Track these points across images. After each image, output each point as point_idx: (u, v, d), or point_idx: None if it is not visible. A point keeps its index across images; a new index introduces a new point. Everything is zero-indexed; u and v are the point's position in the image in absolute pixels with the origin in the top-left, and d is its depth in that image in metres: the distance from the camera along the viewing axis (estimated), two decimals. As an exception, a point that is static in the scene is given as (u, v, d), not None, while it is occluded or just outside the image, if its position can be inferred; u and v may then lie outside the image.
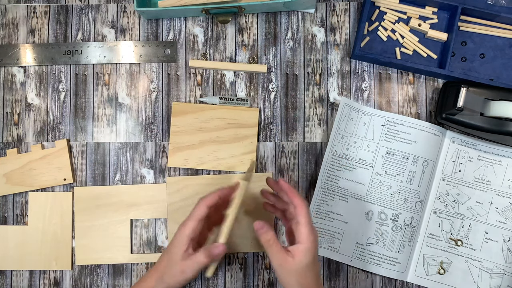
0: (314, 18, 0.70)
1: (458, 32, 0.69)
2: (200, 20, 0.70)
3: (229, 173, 0.68)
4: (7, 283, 0.67)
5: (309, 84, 0.69)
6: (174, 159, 0.68)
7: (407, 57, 0.69)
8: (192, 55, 0.70)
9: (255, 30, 0.70)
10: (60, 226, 0.67)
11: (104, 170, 0.69)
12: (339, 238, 0.66)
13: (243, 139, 0.68)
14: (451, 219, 0.66)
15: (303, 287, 0.51)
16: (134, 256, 0.67)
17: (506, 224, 0.66)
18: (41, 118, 0.69)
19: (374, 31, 0.69)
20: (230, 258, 0.68)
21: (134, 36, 0.70)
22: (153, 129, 0.69)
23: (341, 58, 0.70)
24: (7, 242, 0.67)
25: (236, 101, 0.68)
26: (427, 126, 0.67)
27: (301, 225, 0.52)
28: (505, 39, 0.69)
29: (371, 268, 0.66)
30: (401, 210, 0.66)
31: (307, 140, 0.69)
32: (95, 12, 0.70)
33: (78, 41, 0.70)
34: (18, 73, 0.70)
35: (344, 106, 0.67)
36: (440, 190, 0.67)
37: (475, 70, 0.68)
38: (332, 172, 0.67)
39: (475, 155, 0.67)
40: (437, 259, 0.66)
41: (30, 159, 0.68)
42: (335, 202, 0.67)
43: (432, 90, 0.69)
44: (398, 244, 0.66)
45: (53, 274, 0.68)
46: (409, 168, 0.67)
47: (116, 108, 0.69)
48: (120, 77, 0.70)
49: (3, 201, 0.68)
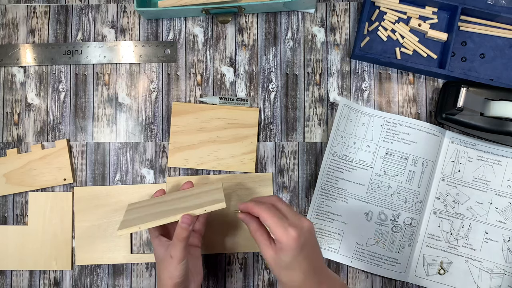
0: (314, 18, 0.70)
1: (458, 32, 0.69)
2: (200, 20, 0.70)
3: (229, 173, 0.68)
4: (7, 283, 0.68)
5: (309, 84, 0.69)
6: (174, 159, 0.68)
7: (407, 57, 0.69)
8: (192, 55, 0.70)
9: (255, 30, 0.70)
10: (60, 226, 0.67)
11: (104, 170, 0.69)
12: (339, 239, 0.66)
13: (243, 139, 0.68)
14: (451, 219, 0.66)
15: (291, 283, 0.50)
16: (134, 256, 0.67)
17: (506, 224, 0.66)
18: (41, 118, 0.69)
19: (374, 31, 0.69)
20: (230, 258, 0.68)
21: (134, 36, 0.70)
22: (153, 129, 0.69)
23: (341, 58, 0.70)
24: (7, 242, 0.67)
25: (236, 101, 0.68)
26: (426, 127, 0.67)
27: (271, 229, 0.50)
28: (505, 39, 0.69)
29: (371, 268, 0.66)
30: (400, 211, 0.66)
31: (307, 140, 0.69)
32: (95, 12, 0.70)
33: (78, 41, 0.70)
34: (18, 73, 0.70)
35: (343, 107, 0.67)
36: (440, 190, 0.67)
37: (475, 70, 0.68)
38: (331, 173, 0.67)
39: (474, 155, 0.67)
40: (437, 259, 0.66)
41: (30, 159, 0.68)
42: (335, 203, 0.67)
43: (432, 90, 0.69)
44: (398, 244, 0.66)
45: (53, 274, 0.68)
46: (408, 168, 0.67)
47: (116, 108, 0.69)
48: (120, 77, 0.70)
49: (3, 201, 0.68)
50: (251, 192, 0.67)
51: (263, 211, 0.50)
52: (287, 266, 0.49)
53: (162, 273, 0.55)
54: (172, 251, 0.53)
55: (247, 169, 0.68)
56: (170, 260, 0.53)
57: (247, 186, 0.67)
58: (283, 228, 0.48)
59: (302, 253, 0.49)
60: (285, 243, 0.48)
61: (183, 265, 0.53)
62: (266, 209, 0.50)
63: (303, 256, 0.49)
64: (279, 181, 0.68)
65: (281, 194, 0.68)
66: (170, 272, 0.53)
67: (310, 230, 0.50)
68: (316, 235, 0.66)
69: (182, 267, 0.53)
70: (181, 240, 0.53)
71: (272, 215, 0.49)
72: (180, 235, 0.53)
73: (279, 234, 0.48)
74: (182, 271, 0.53)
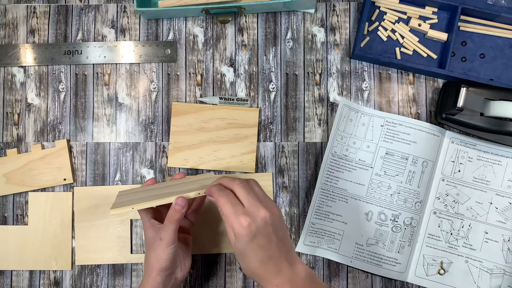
0: (314, 18, 0.70)
1: (458, 32, 0.69)
2: (200, 20, 0.70)
3: (229, 173, 0.68)
4: (7, 283, 0.68)
5: (309, 84, 0.69)
6: (174, 159, 0.68)
7: (407, 57, 0.69)
8: (192, 55, 0.70)
9: (255, 30, 0.70)
10: (60, 226, 0.67)
11: (104, 170, 0.69)
12: (339, 239, 0.66)
13: (243, 139, 0.68)
14: (451, 219, 0.66)
15: (246, 269, 0.51)
16: (134, 256, 0.67)
17: (506, 224, 0.66)
18: (41, 118, 0.69)
19: (374, 31, 0.69)
20: (230, 258, 0.68)
21: (134, 36, 0.70)
22: (153, 129, 0.69)
23: (341, 58, 0.70)
24: (7, 242, 0.67)
25: (236, 101, 0.68)
26: (426, 127, 0.67)
27: (224, 216, 0.50)
28: (505, 39, 0.69)
29: (371, 268, 0.66)
30: (400, 211, 0.66)
31: (307, 140, 0.69)
32: (95, 12, 0.70)
33: (78, 41, 0.70)
34: (18, 73, 0.70)
35: (343, 107, 0.67)
36: (440, 190, 0.67)
37: (475, 70, 0.68)
38: (331, 173, 0.67)
39: (474, 155, 0.67)
40: (437, 259, 0.66)
41: (30, 159, 0.68)
42: (335, 203, 0.67)
43: (432, 90, 0.69)
44: (398, 244, 0.66)
45: (53, 274, 0.68)
46: (408, 168, 0.67)
47: (116, 108, 0.69)
48: (120, 77, 0.70)
49: (3, 201, 0.68)
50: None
51: (220, 197, 0.50)
52: (241, 252, 0.50)
53: (149, 256, 0.55)
54: (163, 233, 0.53)
55: (247, 169, 0.68)
56: (159, 242, 0.53)
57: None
58: (235, 216, 0.49)
59: (255, 241, 0.49)
60: (236, 231, 0.49)
61: (172, 249, 0.53)
62: (223, 196, 0.50)
63: (257, 244, 0.49)
64: (279, 181, 0.68)
65: (281, 194, 0.68)
66: (158, 255, 0.53)
67: (265, 219, 0.49)
68: (314, 234, 0.66)
69: (171, 250, 0.53)
70: (172, 222, 0.53)
71: (226, 202, 0.50)
72: (172, 216, 0.53)
73: (231, 222, 0.49)
74: (170, 255, 0.53)
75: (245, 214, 0.49)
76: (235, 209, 0.49)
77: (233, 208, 0.49)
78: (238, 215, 0.49)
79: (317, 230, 0.66)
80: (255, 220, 0.49)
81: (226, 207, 0.50)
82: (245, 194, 0.51)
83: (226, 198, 0.50)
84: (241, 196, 0.51)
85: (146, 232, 0.56)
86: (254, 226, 0.49)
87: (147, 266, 0.55)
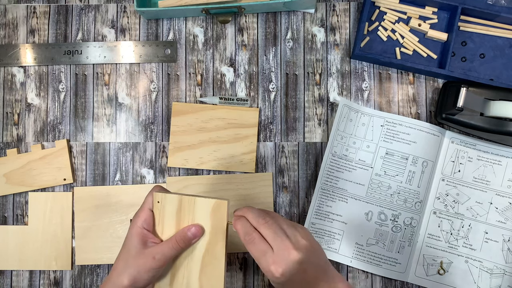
0: (314, 18, 0.70)
1: (458, 32, 0.69)
2: (200, 20, 0.70)
3: (229, 173, 0.68)
4: (7, 283, 0.68)
5: (309, 84, 0.69)
6: (174, 159, 0.68)
7: (407, 57, 0.69)
8: (192, 55, 0.70)
9: (255, 30, 0.70)
10: (60, 226, 0.67)
11: (104, 170, 0.69)
12: (339, 239, 0.66)
13: (243, 139, 0.68)
14: (451, 219, 0.66)
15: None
16: (134, 256, 0.67)
17: (506, 224, 0.66)
18: (41, 118, 0.69)
19: (374, 31, 0.69)
20: (230, 258, 0.68)
21: (134, 36, 0.70)
22: (153, 129, 0.69)
23: (341, 58, 0.70)
24: (7, 242, 0.67)
25: (236, 101, 0.68)
26: (426, 126, 0.67)
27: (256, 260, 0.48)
28: (505, 39, 0.69)
29: (371, 268, 0.66)
30: (400, 211, 0.66)
31: (307, 140, 0.69)
32: (95, 12, 0.70)
33: (78, 41, 0.70)
34: (18, 73, 0.70)
35: (343, 107, 0.67)
36: (440, 190, 0.67)
37: (475, 70, 0.68)
38: (331, 173, 0.67)
39: (474, 155, 0.67)
40: (437, 259, 0.66)
41: (30, 159, 0.68)
42: (335, 203, 0.67)
43: (432, 90, 0.69)
44: (398, 244, 0.66)
45: (53, 274, 0.68)
46: (408, 168, 0.67)
47: (116, 108, 0.69)
48: (120, 77, 0.70)
49: (3, 201, 0.68)
50: (251, 192, 0.67)
51: (247, 243, 0.48)
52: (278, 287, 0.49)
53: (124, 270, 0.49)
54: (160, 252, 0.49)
55: (247, 169, 0.68)
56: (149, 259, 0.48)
57: (247, 186, 0.67)
58: (266, 264, 0.47)
59: (289, 282, 0.48)
60: (269, 278, 0.47)
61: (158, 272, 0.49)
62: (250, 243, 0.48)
63: (292, 281, 0.48)
64: (279, 181, 0.68)
65: (281, 194, 0.68)
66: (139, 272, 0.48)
67: (298, 261, 0.47)
68: (314, 234, 0.66)
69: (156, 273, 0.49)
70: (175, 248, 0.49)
71: (255, 251, 0.48)
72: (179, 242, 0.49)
73: (263, 269, 0.48)
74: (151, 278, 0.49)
75: (276, 264, 0.46)
76: (266, 258, 0.47)
77: (264, 257, 0.47)
78: (269, 265, 0.47)
79: (317, 230, 0.66)
80: (287, 266, 0.46)
81: (256, 255, 0.48)
82: (272, 235, 0.48)
83: (254, 247, 0.48)
84: (268, 239, 0.48)
85: (132, 239, 0.50)
86: (287, 272, 0.46)
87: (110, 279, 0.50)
